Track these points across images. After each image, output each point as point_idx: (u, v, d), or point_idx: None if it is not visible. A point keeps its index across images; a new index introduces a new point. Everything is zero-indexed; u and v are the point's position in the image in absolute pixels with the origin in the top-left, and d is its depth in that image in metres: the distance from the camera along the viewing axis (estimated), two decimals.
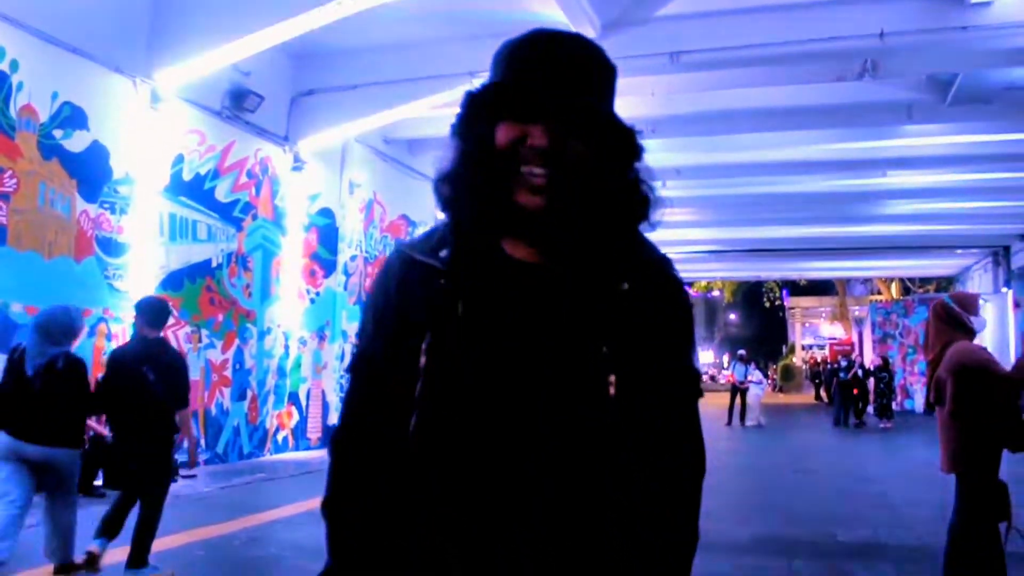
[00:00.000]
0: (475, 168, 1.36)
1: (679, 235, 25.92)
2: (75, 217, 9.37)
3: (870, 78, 12.27)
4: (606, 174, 1.36)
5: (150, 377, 5.48)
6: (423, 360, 1.34)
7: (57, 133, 9.14)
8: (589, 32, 11.16)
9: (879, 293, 41.09)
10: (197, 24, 10.06)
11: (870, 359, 24.46)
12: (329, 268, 14.00)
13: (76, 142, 9.38)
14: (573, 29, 10.67)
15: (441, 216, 1.46)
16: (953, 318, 4.88)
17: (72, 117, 9.32)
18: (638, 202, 1.42)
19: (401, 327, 1.38)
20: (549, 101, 1.31)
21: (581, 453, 1.30)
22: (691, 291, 59.55)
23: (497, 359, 1.32)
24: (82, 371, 5.34)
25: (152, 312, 5.86)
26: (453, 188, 1.40)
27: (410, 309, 1.38)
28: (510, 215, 1.36)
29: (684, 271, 36.75)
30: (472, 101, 1.39)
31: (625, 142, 1.40)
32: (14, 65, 8.62)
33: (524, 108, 1.32)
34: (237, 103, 11.55)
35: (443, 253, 1.39)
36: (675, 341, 1.40)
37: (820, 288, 49.26)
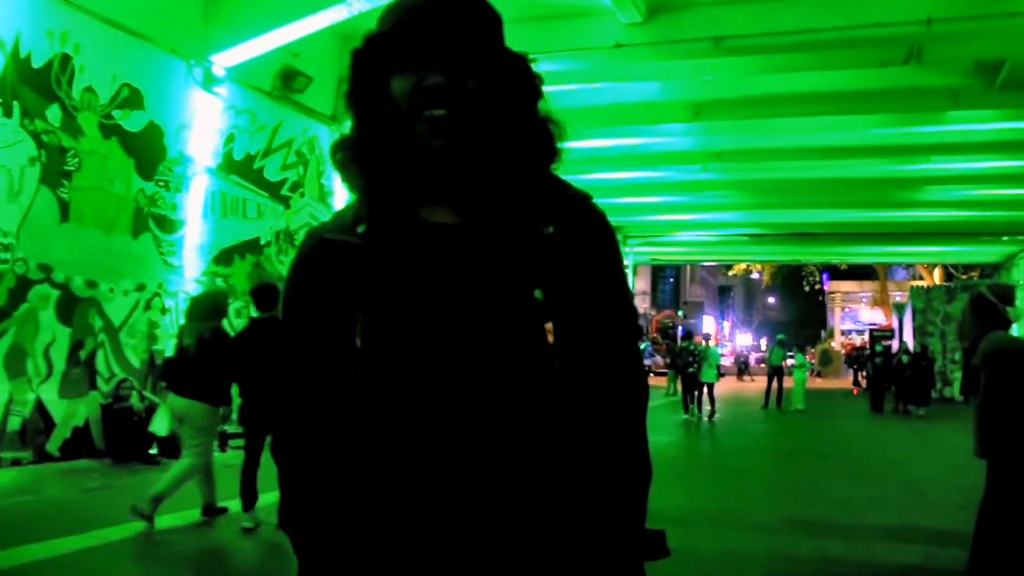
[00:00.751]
0: (374, 126, 1.34)
1: (720, 218, 25.93)
2: (132, 195, 9.70)
3: (915, 64, 12.26)
4: (507, 111, 1.34)
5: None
6: (358, 342, 1.34)
7: (116, 113, 9.46)
8: (634, 16, 11.28)
9: (921, 279, 40.65)
10: (250, 8, 10.30)
11: (910, 345, 24.26)
12: None
13: (134, 122, 9.70)
14: (619, 14, 10.83)
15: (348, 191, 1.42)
16: (989, 309, 4.99)
17: (130, 98, 9.63)
18: (546, 141, 1.39)
19: (327, 314, 1.36)
20: (438, 41, 1.29)
21: (526, 403, 1.30)
22: (731, 273, 59.30)
23: (432, 327, 1.30)
24: (224, 342, 6.25)
25: (262, 295, 6.37)
26: (357, 154, 1.36)
27: (334, 294, 1.35)
28: (419, 171, 1.34)
29: (724, 254, 36.74)
30: (361, 57, 1.35)
31: (522, 79, 1.37)
32: (76, 48, 8.93)
33: (414, 54, 1.30)
34: (287, 83, 11.81)
35: (360, 229, 1.35)
36: (606, 279, 1.37)
37: (861, 273, 48.80)
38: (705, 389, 17.73)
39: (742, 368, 43.02)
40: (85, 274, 9.09)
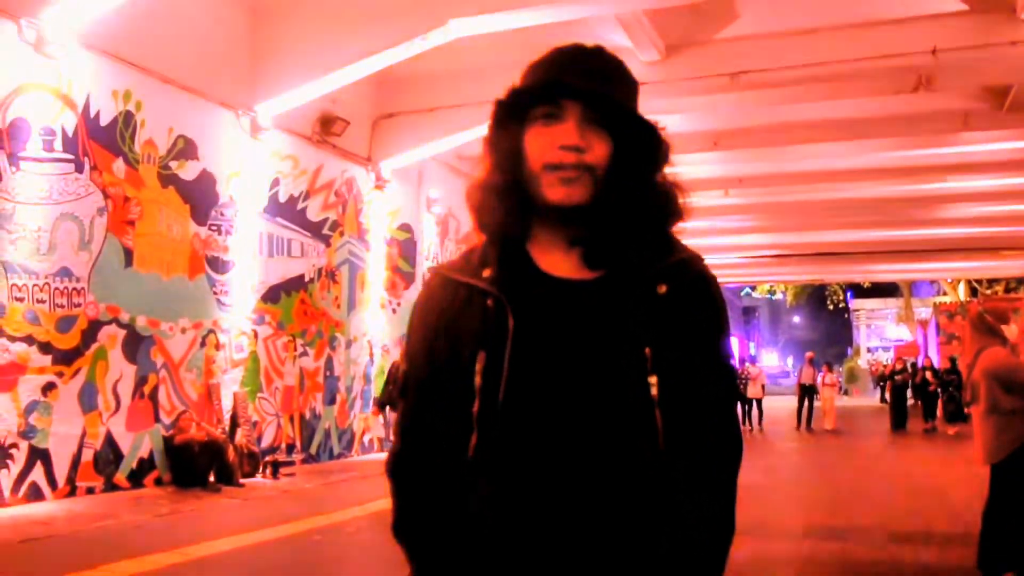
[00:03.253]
0: (506, 174, 1.41)
1: (742, 240, 26.37)
2: (188, 239, 10.37)
3: (925, 91, 12.76)
4: (634, 171, 1.39)
5: None
6: (478, 380, 1.37)
7: (173, 164, 10.16)
8: (653, 55, 11.88)
9: (946, 295, 40.76)
10: (292, 61, 10.99)
11: (937, 362, 24.39)
12: (409, 279, 14.93)
13: (188, 171, 10.39)
14: (639, 53, 11.43)
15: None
16: (987, 326, 5.50)
17: (185, 149, 10.34)
18: (668, 201, 1.44)
19: (452, 349, 1.40)
20: (575, 91, 1.35)
21: (627, 460, 1.34)
22: (754, 294, 59.54)
23: (550, 374, 1.34)
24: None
25: None
26: (487, 199, 1.44)
27: (460, 331, 1.40)
28: (543, 223, 1.41)
29: (747, 275, 37.01)
30: (502, 108, 1.42)
31: (651, 140, 1.42)
32: (138, 105, 9.65)
33: (551, 104, 1.36)
34: (326, 128, 12.49)
35: (487, 273, 1.41)
36: (711, 338, 1.42)
37: (885, 290, 48.91)
38: (754, 404, 20.89)
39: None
40: (147, 314, 9.75)
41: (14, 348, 8.28)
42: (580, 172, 1.35)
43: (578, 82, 1.34)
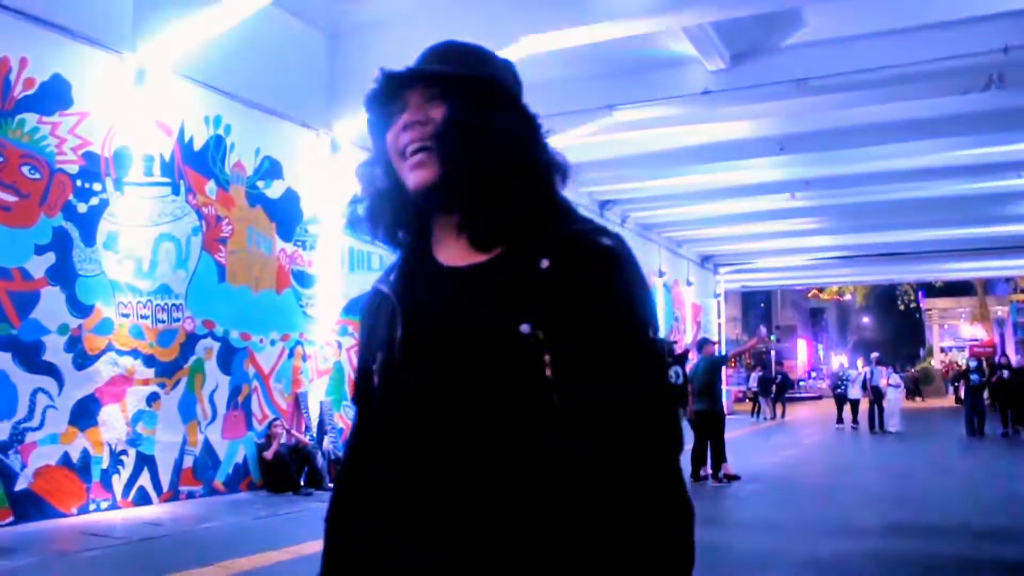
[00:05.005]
0: (384, 171, 1.39)
1: (808, 242, 26.28)
2: (275, 255, 10.87)
3: (997, 89, 12.72)
4: (485, 136, 1.29)
5: None
6: (376, 381, 1.36)
7: (260, 184, 10.67)
8: (718, 64, 12.06)
9: (1023, 292, 39.87)
10: (368, 81, 11.41)
11: (1016, 360, 23.92)
12: None
13: (274, 190, 10.89)
14: (705, 63, 11.64)
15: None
16: None
17: (271, 169, 10.84)
18: (539, 168, 1.34)
19: (368, 356, 1.40)
20: (403, 76, 1.33)
21: (516, 443, 1.23)
22: (822, 296, 58.67)
23: (428, 368, 1.28)
24: None
25: None
26: (367, 205, 1.43)
27: (372, 337, 1.39)
28: (437, 215, 1.37)
29: (814, 277, 36.67)
30: (367, 106, 1.40)
31: (501, 98, 1.34)
32: (228, 129, 10.18)
33: (399, 97, 1.34)
34: None
35: (393, 276, 1.41)
36: (601, 315, 1.24)
37: (958, 288, 48.00)
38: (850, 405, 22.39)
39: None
40: (240, 327, 10.25)
41: (122, 361, 8.83)
42: (427, 152, 1.30)
43: (406, 71, 1.33)
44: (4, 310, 7.80)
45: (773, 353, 52.62)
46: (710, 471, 11.33)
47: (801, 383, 54.25)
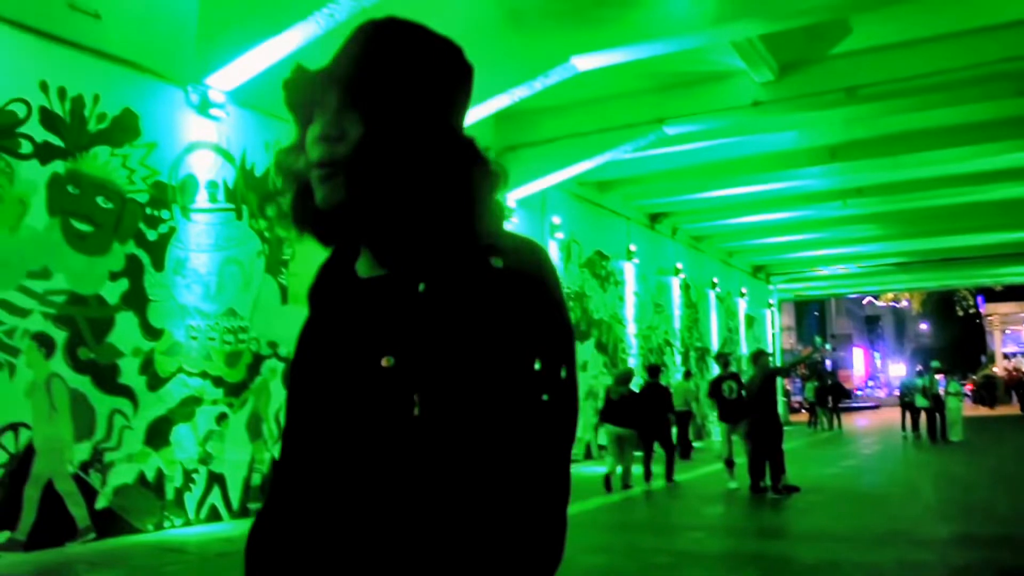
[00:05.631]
0: (290, 177, 1.28)
1: (862, 249, 26.04)
2: None
3: None
4: (390, 150, 1.17)
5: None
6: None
7: None
8: (767, 76, 12.11)
9: None
10: None
11: None
12: None
13: None
14: (754, 75, 11.71)
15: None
16: None
17: None
18: (446, 180, 1.19)
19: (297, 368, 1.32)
20: (326, 77, 1.20)
21: (380, 484, 1.15)
22: (879, 302, 57.83)
23: (320, 387, 1.23)
24: (636, 396, 12.27)
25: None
26: (292, 198, 1.28)
27: (296, 347, 1.32)
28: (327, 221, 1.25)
29: (868, 284, 36.13)
30: (285, 100, 1.27)
31: (422, 115, 1.20)
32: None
33: (310, 103, 1.23)
34: None
35: (315, 283, 1.34)
36: (489, 345, 1.15)
37: (1020, 292, 46.99)
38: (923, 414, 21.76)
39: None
40: None
41: (192, 382, 9.13)
42: (335, 168, 1.18)
43: (328, 71, 1.20)
44: (82, 335, 8.13)
45: (828, 362, 51.96)
46: (769, 483, 11.31)
47: (858, 392, 53.53)
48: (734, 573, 6.83)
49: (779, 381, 12.25)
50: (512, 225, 6.00)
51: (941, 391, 20.90)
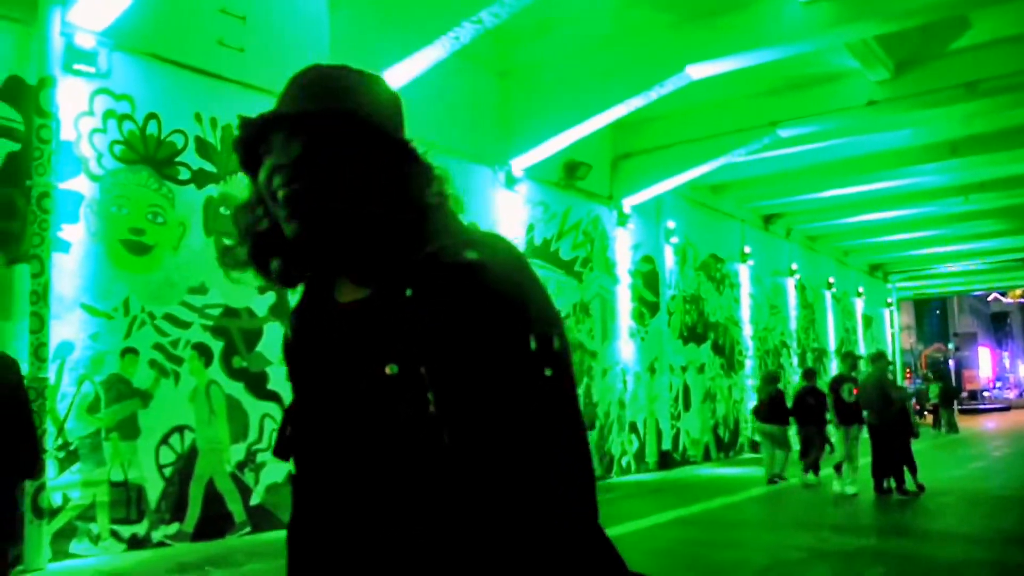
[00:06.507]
0: (256, 219, 1.32)
1: (986, 245, 25.24)
2: None
3: None
4: (341, 172, 1.23)
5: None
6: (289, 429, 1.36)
7: None
8: (882, 75, 12.07)
9: None
10: (540, 117, 12.05)
11: None
12: (654, 309, 15.66)
13: None
14: (868, 74, 11.69)
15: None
16: None
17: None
18: (398, 193, 1.24)
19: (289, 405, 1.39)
20: (264, 123, 1.26)
21: (403, 487, 1.19)
22: (1006, 299, 55.40)
23: (314, 405, 1.30)
24: (783, 397, 13.23)
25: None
26: (251, 248, 1.34)
27: (288, 380, 1.39)
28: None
29: (993, 280, 34.84)
30: (236, 144, 1.31)
31: (362, 133, 1.25)
32: None
33: (257, 140, 1.28)
34: (571, 173, 13.51)
35: (294, 318, 1.38)
36: (483, 334, 1.18)
37: None
38: None
39: None
40: None
41: None
42: (290, 191, 1.22)
43: (269, 115, 1.26)
44: (236, 345, 8.82)
45: (952, 362, 50.22)
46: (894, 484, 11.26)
47: (984, 393, 51.51)
48: (862, 570, 6.97)
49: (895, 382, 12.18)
50: (627, 229, 6.36)
51: None
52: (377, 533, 1.21)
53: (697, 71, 10.69)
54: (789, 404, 13.29)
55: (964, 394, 43.97)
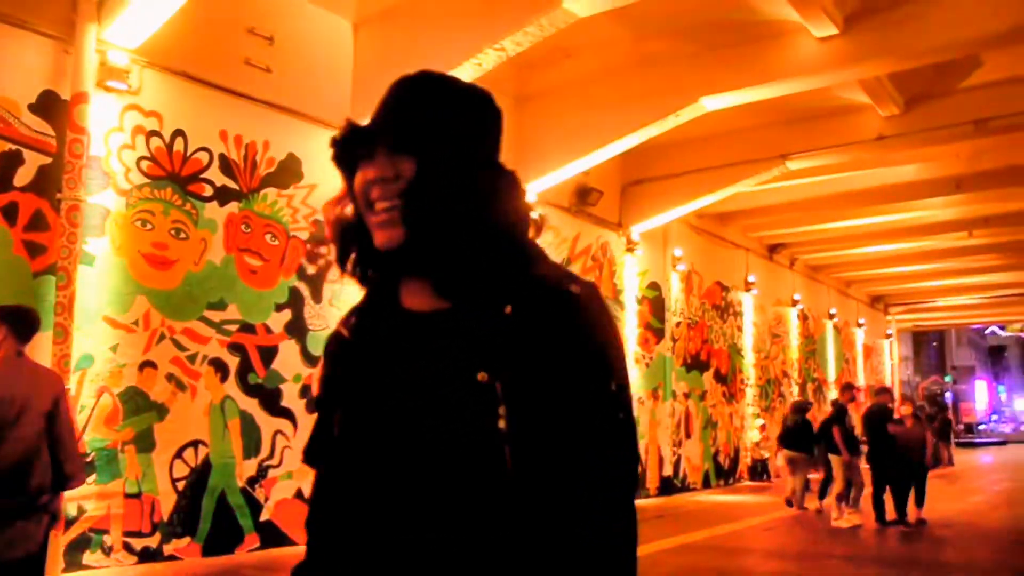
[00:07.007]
0: (337, 225, 1.36)
1: (987, 279, 25.39)
2: None
3: None
4: (445, 184, 1.25)
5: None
6: (336, 431, 1.33)
7: None
8: (892, 110, 12.23)
9: None
10: (553, 143, 12.14)
11: None
12: (659, 335, 15.76)
13: None
14: (879, 108, 11.83)
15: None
16: None
17: None
18: (509, 223, 1.29)
19: (327, 403, 1.37)
20: (374, 128, 1.29)
21: (461, 498, 1.19)
22: (1003, 332, 55.48)
23: (384, 413, 1.26)
24: (809, 424, 13.30)
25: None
26: (336, 247, 1.37)
27: (330, 383, 1.37)
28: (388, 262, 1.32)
29: (994, 314, 34.97)
30: (333, 152, 1.35)
31: (468, 150, 1.29)
32: None
33: (359, 145, 1.30)
34: (582, 199, 13.64)
35: (354, 318, 1.38)
36: (567, 362, 1.21)
37: None
38: None
39: None
40: None
41: None
42: (395, 212, 1.25)
43: (376, 123, 1.29)
44: (252, 362, 8.90)
45: (949, 395, 50.28)
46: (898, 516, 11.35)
47: (980, 427, 51.54)
48: None
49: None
50: (635, 256, 6.55)
51: None
52: (418, 545, 1.21)
53: (712, 102, 10.84)
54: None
55: (960, 426, 44.02)
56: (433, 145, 1.25)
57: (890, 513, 11.32)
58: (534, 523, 1.17)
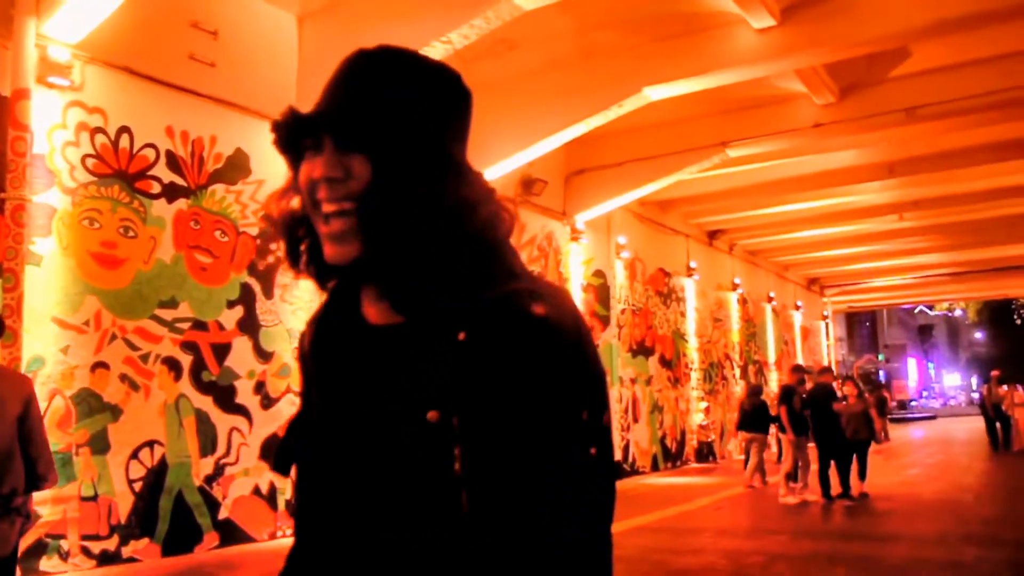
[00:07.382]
0: (283, 221, 1.21)
1: (917, 260, 26.22)
2: None
3: None
4: (404, 188, 1.09)
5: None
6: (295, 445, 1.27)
7: None
8: (827, 99, 12.58)
9: None
10: (499, 136, 12.19)
11: None
12: (605, 322, 15.97)
13: None
14: (815, 97, 12.19)
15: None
16: None
17: None
18: (473, 225, 1.13)
19: (302, 395, 1.31)
20: (318, 119, 1.12)
21: (421, 536, 1.06)
22: (931, 311, 57.27)
23: (333, 437, 1.17)
24: (766, 406, 13.89)
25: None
26: (285, 245, 1.22)
27: (303, 378, 1.30)
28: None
29: (923, 294, 36.00)
30: (275, 142, 1.18)
31: (433, 146, 1.13)
32: None
33: (303, 136, 1.14)
34: (527, 189, 13.75)
35: (314, 328, 1.26)
36: (522, 397, 1.04)
37: None
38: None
39: None
40: None
41: (299, 402, 9.79)
42: (346, 219, 1.10)
43: (321, 111, 1.13)
44: (205, 359, 8.85)
45: (882, 373, 51.72)
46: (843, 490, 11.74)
47: (912, 403, 53.13)
48: (822, 572, 7.32)
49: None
50: (580, 245, 6.68)
51: (1010, 400, 20.82)
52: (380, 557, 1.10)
53: (655, 92, 11.03)
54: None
55: (893, 404, 45.34)
56: (390, 141, 1.10)
57: (835, 488, 11.69)
58: (490, 567, 1.04)
